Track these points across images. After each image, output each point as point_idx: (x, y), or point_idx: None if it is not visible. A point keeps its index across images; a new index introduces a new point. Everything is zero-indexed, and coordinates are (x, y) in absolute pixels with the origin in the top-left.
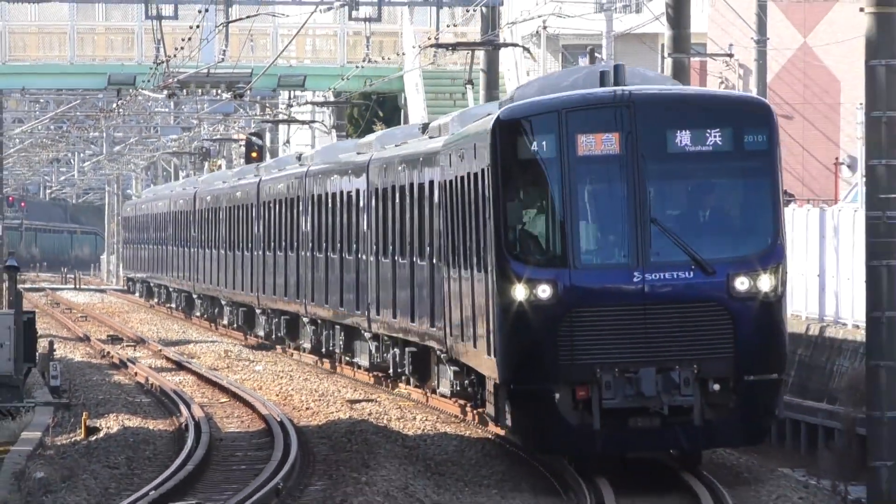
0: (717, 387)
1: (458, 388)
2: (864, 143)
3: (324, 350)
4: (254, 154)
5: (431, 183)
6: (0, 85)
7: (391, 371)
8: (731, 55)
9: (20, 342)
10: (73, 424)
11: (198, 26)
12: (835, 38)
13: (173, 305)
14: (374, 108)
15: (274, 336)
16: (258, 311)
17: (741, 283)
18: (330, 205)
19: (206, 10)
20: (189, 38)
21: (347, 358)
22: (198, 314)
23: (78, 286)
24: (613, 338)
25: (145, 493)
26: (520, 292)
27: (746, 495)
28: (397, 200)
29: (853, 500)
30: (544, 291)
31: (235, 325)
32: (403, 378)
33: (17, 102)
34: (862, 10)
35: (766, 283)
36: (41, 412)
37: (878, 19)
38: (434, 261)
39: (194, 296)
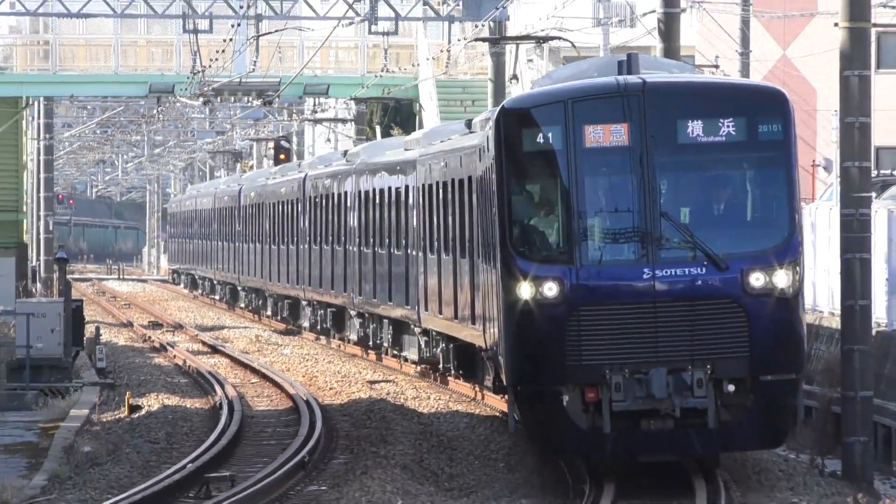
0: (732, 387)
1: (500, 384)
2: (838, 147)
3: (371, 343)
4: (282, 156)
5: (470, 179)
6: (51, 93)
7: (440, 365)
8: (717, 66)
9: (69, 328)
10: (118, 403)
11: (231, 39)
12: (812, 51)
13: (217, 297)
14: (391, 114)
15: (319, 327)
16: (304, 304)
17: (756, 279)
18: (377, 200)
19: (239, 25)
20: (223, 50)
21: (395, 351)
22: (242, 305)
23: (121, 277)
24: (623, 337)
25: (183, 466)
26: (525, 290)
27: (732, 467)
28: (442, 196)
29: (829, 472)
30: (551, 289)
31: (280, 317)
32: (451, 373)
33: (66, 109)
34: (836, 25)
35: (782, 278)
36: (88, 392)
37: (852, 33)
38: (473, 258)
39: (239, 288)
